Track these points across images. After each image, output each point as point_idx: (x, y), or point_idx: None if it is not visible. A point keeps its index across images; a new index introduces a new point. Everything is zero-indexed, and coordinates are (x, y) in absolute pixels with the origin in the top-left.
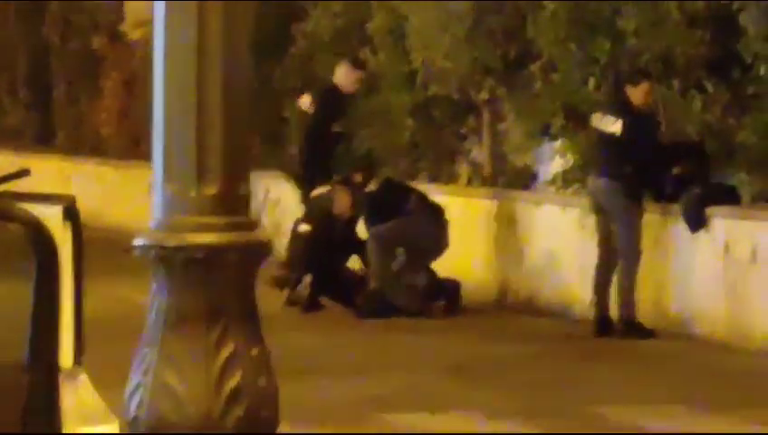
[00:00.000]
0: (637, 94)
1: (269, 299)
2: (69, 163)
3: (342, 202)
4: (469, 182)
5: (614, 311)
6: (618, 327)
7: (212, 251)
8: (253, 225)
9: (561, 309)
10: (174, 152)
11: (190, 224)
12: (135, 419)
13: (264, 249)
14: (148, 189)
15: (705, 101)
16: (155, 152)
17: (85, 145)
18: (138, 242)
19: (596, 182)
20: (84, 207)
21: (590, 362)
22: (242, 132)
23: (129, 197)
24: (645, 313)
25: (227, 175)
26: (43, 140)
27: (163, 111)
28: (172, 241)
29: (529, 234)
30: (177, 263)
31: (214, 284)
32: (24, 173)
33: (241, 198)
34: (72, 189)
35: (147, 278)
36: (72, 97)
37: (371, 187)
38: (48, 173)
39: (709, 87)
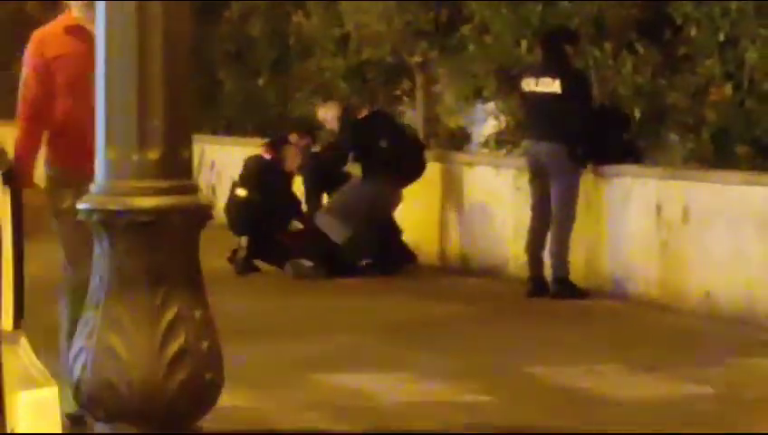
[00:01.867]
0: (574, 54)
1: (208, 262)
2: (4, 129)
3: (293, 160)
4: None
5: (547, 272)
6: (551, 288)
7: (155, 214)
8: (195, 188)
9: (495, 269)
10: (116, 117)
11: (132, 188)
12: (79, 382)
13: (205, 212)
14: None
15: (637, 62)
16: (97, 117)
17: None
18: (80, 206)
19: (537, 145)
20: None
21: (525, 322)
22: (183, 97)
23: None
24: (578, 273)
25: (169, 139)
26: None
27: (104, 76)
28: (114, 205)
29: (463, 195)
30: (120, 227)
31: (157, 247)
32: None
33: (183, 161)
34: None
35: None
36: (5, 62)
37: (315, 148)
38: None
39: (640, 49)
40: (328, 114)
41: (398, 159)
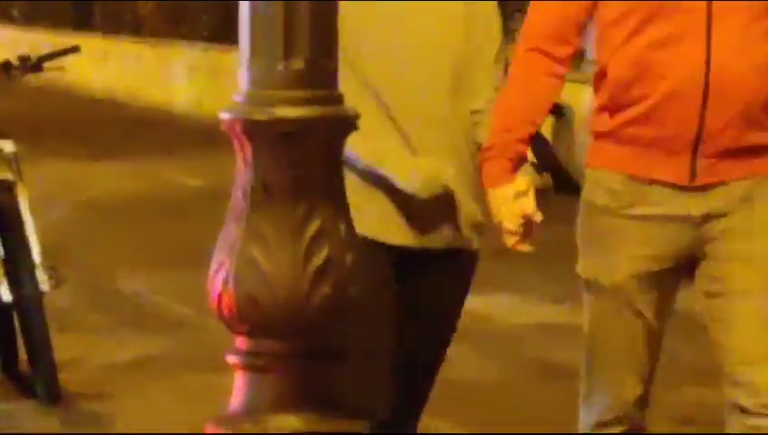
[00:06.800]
0: None
1: None
2: (106, 42)
3: None
4: None
5: None
6: None
7: (299, 125)
8: (340, 98)
9: None
10: (261, 27)
11: (277, 98)
12: (220, 296)
13: (350, 122)
14: (185, 69)
15: None
16: (241, 27)
17: (123, 24)
18: (223, 116)
19: None
20: (122, 86)
21: None
22: (329, 6)
23: (166, 76)
24: None
25: (313, 50)
26: (81, 20)
27: None
28: (259, 115)
29: (575, 115)
30: (264, 137)
31: (301, 158)
32: (73, 49)
33: (327, 72)
34: (109, 69)
35: (188, 160)
36: None
37: None
38: (86, 52)
39: None
40: None
41: None
